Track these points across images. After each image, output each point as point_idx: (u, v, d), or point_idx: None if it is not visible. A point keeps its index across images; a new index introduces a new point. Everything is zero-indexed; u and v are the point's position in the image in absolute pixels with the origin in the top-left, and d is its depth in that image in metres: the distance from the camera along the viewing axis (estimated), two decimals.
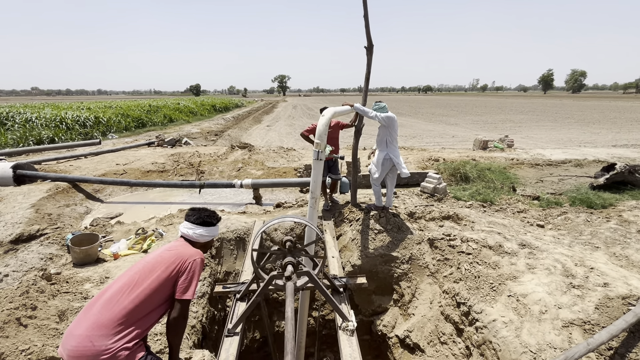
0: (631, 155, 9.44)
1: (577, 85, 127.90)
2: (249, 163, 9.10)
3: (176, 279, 1.94)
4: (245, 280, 3.33)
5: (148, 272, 1.90)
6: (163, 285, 1.90)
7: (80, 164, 8.92)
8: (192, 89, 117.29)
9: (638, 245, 3.89)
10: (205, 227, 2.16)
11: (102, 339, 1.66)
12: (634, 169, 6.38)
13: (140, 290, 1.83)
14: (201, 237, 2.14)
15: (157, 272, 1.90)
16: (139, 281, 1.86)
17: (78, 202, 6.42)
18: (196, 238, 2.13)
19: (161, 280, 1.89)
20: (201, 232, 2.14)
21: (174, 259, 1.97)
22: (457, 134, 18.64)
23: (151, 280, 1.87)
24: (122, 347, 1.68)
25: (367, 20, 4.18)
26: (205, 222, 2.16)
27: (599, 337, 2.31)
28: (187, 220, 2.17)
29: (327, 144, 3.49)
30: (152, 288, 1.85)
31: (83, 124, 17.12)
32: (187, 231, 2.13)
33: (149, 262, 1.96)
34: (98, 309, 1.75)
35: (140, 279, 1.87)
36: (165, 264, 1.94)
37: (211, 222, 2.19)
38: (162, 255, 2.00)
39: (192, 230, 2.13)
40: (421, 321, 3.76)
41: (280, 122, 28.30)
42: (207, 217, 2.17)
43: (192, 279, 1.97)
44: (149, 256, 2.05)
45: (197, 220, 2.15)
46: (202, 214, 2.18)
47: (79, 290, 3.25)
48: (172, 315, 1.93)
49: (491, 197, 5.84)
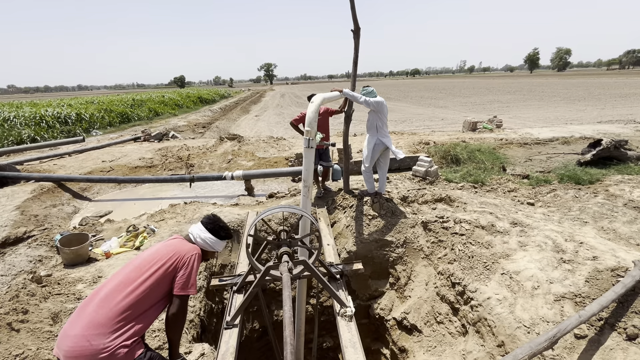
0: (616, 130, 9.61)
1: (562, 64, 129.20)
2: (239, 154, 8.98)
3: (174, 274, 1.91)
4: (241, 272, 3.31)
5: (145, 268, 1.87)
6: (161, 282, 1.87)
7: (65, 163, 8.67)
8: (177, 81, 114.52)
9: (624, 218, 3.99)
10: (213, 235, 2.13)
11: (99, 338, 1.62)
12: (619, 144, 6.51)
13: (138, 286, 1.80)
14: (204, 243, 2.12)
15: (154, 268, 1.87)
16: (135, 278, 1.82)
17: (65, 202, 6.26)
18: (200, 243, 2.11)
19: (159, 276, 1.86)
20: (206, 237, 2.12)
21: (172, 255, 1.94)
22: (447, 117, 18.69)
23: (148, 276, 1.84)
24: (120, 344, 1.65)
25: (353, 2, 4.07)
26: (215, 231, 2.14)
27: (590, 308, 2.38)
28: (201, 222, 2.17)
29: (317, 131, 3.44)
30: (149, 284, 1.82)
31: (64, 121, 16.59)
32: (196, 231, 2.13)
33: (145, 259, 1.93)
34: (94, 307, 1.71)
35: (136, 275, 1.83)
36: (163, 259, 1.91)
37: (219, 234, 2.15)
38: (159, 251, 1.96)
39: (202, 233, 2.12)
40: (417, 303, 3.83)
41: (269, 111, 27.92)
42: (219, 228, 2.16)
43: (190, 274, 1.94)
44: (145, 253, 2.01)
45: (208, 226, 2.14)
46: (218, 223, 2.17)
47: (71, 291, 3.19)
48: (170, 311, 1.90)
49: (482, 178, 5.90)
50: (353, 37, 4.28)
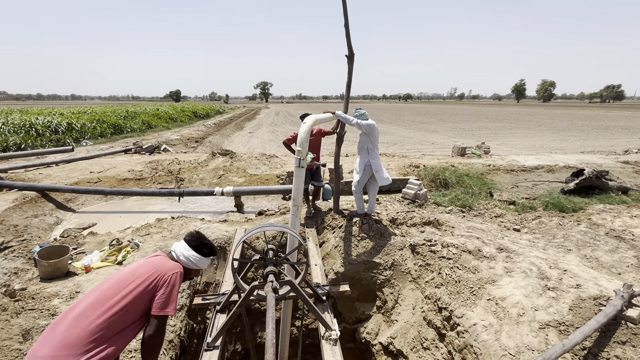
0: (598, 161, 9.96)
1: (547, 95, 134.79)
2: (231, 170, 8.96)
3: (153, 293, 1.83)
4: (225, 291, 3.24)
5: (123, 285, 1.79)
6: (139, 300, 1.79)
7: (51, 172, 8.50)
8: (172, 95, 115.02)
9: (606, 247, 4.08)
10: (197, 252, 2.08)
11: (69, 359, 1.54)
12: (601, 174, 6.73)
13: (114, 305, 1.71)
14: (188, 261, 2.06)
15: (132, 286, 1.79)
16: (112, 295, 1.74)
17: (47, 212, 6.10)
18: (183, 261, 2.05)
19: (137, 295, 1.78)
20: (189, 254, 2.06)
21: (152, 272, 1.87)
22: (437, 141, 19.13)
23: (126, 294, 1.76)
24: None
25: (348, 29, 4.24)
26: (198, 248, 2.09)
27: (574, 337, 2.38)
28: (184, 240, 2.12)
29: (309, 151, 3.48)
30: (126, 303, 1.74)
31: (55, 130, 16.38)
32: (179, 249, 2.07)
33: (125, 276, 1.85)
34: (65, 326, 1.62)
35: (113, 293, 1.75)
36: (142, 277, 1.83)
37: (202, 251, 2.10)
38: (139, 268, 1.89)
39: (185, 251, 2.06)
40: (404, 327, 3.77)
41: (263, 128, 28.13)
42: (202, 245, 2.11)
43: (170, 293, 1.86)
44: (124, 269, 1.93)
45: (192, 243, 2.08)
46: (201, 240, 2.13)
47: (46, 306, 3.06)
48: (147, 332, 1.81)
49: (470, 203, 5.99)
50: (347, 62, 4.43)
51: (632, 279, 3.49)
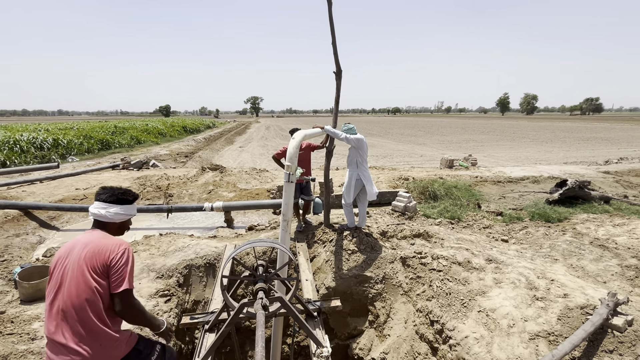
0: (580, 171, 10.26)
1: (530, 108, 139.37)
2: (221, 185, 8.90)
3: (107, 273, 1.79)
4: (214, 309, 3.17)
5: (75, 279, 1.73)
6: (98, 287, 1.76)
7: (35, 190, 8.28)
8: (162, 110, 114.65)
9: (591, 256, 4.17)
10: (120, 205, 1.96)
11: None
12: (583, 185, 6.93)
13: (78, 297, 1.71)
14: (116, 215, 1.93)
15: (85, 276, 1.73)
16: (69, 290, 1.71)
17: (30, 231, 5.91)
18: (111, 218, 1.92)
19: (95, 284, 1.74)
20: (116, 210, 1.93)
21: (100, 256, 1.79)
22: (425, 154, 19.45)
23: (84, 286, 1.72)
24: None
25: (335, 47, 4.36)
26: (120, 200, 1.96)
27: (563, 348, 2.41)
28: (97, 200, 1.95)
29: (298, 166, 3.51)
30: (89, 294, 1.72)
31: (40, 147, 16.06)
32: (99, 211, 1.91)
33: (72, 269, 1.76)
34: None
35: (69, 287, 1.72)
36: (90, 264, 1.76)
37: (127, 199, 1.99)
38: (83, 256, 1.78)
39: (106, 209, 1.91)
40: (397, 342, 3.74)
41: (253, 143, 28.17)
42: (121, 195, 1.98)
43: (125, 269, 1.81)
44: (65, 261, 1.81)
45: (111, 199, 1.94)
46: (116, 191, 1.99)
47: (25, 330, 2.93)
48: (117, 309, 1.79)
49: (458, 214, 6.07)
50: (335, 78, 4.53)
51: (617, 287, 3.56)
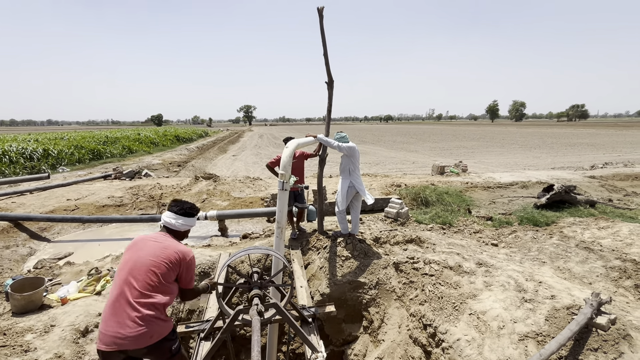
0: (567, 176, 10.53)
1: (518, 115, 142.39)
2: (214, 194, 8.90)
3: (178, 271, 2.24)
4: (209, 317, 3.19)
5: (148, 270, 2.12)
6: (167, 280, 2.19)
7: (25, 201, 8.18)
8: (154, 119, 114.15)
9: (577, 258, 4.30)
10: (186, 217, 2.41)
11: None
12: (569, 189, 7.13)
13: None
14: (182, 226, 2.41)
15: (160, 272, 2.14)
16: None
17: (20, 243, 5.84)
18: (178, 227, 2.39)
19: (166, 279, 2.17)
20: (182, 222, 2.40)
21: (173, 256, 2.22)
22: (417, 160, 19.70)
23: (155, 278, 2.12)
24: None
25: (327, 57, 4.48)
26: (187, 213, 2.42)
27: (549, 347, 2.49)
28: (170, 211, 2.41)
29: (292, 174, 3.58)
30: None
31: (29, 157, 15.86)
32: (170, 220, 2.38)
33: (144, 264, 2.14)
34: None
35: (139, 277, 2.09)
36: (164, 261, 2.17)
37: (191, 214, 2.46)
38: (157, 254, 2.18)
39: (175, 220, 2.38)
40: (391, 347, 3.78)
41: (247, 151, 28.19)
42: (188, 209, 2.44)
43: (192, 272, 2.33)
44: (138, 254, 2.19)
45: (180, 212, 2.40)
46: (184, 205, 2.44)
47: (18, 342, 2.91)
48: (184, 298, 2.41)
49: (450, 220, 6.18)
50: (327, 88, 4.65)
51: (602, 287, 3.68)
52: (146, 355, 2.13)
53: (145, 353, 2.10)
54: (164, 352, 2.19)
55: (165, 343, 2.16)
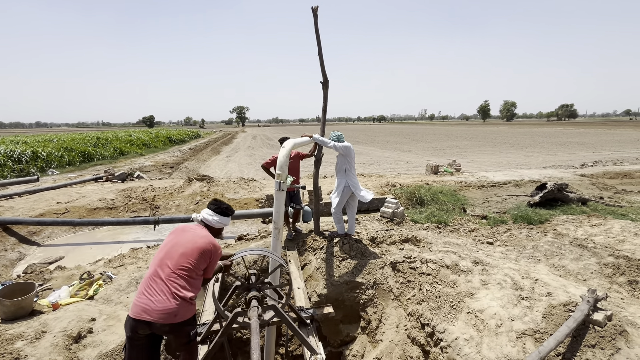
0: (559, 175, 10.68)
1: (509, 114, 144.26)
2: (208, 195, 8.81)
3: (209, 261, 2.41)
4: (206, 320, 3.14)
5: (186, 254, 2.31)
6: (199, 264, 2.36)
7: (14, 204, 7.99)
8: (145, 121, 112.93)
9: (571, 255, 4.34)
10: (222, 216, 2.61)
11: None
12: (561, 187, 7.22)
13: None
14: (217, 223, 2.59)
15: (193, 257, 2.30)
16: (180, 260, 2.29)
17: (9, 247, 5.70)
18: (213, 224, 2.58)
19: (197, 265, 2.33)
20: (217, 219, 2.58)
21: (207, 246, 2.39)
22: (411, 160, 19.80)
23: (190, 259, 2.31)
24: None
25: (322, 57, 4.47)
26: (223, 212, 2.61)
27: (548, 344, 2.50)
28: (209, 208, 2.62)
29: (288, 174, 3.55)
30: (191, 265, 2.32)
31: (18, 160, 15.53)
32: (207, 217, 2.58)
33: (181, 247, 2.33)
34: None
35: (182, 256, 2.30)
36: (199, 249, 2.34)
37: (227, 213, 2.64)
38: (194, 240, 2.37)
39: (212, 217, 2.57)
40: (389, 347, 3.77)
41: (240, 152, 28.03)
42: (225, 209, 2.63)
43: (215, 264, 2.50)
44: (177, 239, 2.40)
45: (217, 210, 2.60)
46: (222, 205, 2.63)
47: (8, 350, 2.82)
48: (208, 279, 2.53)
49: (445, 219, 6.21)
50: (322, 88, 4.63)
51: (596, 284, 3.72)
52: (167, 333, 2.27)
53: (167, 331, 2.22)
54: (183, 336, 2.30)
55: (186, 327, 2.28)
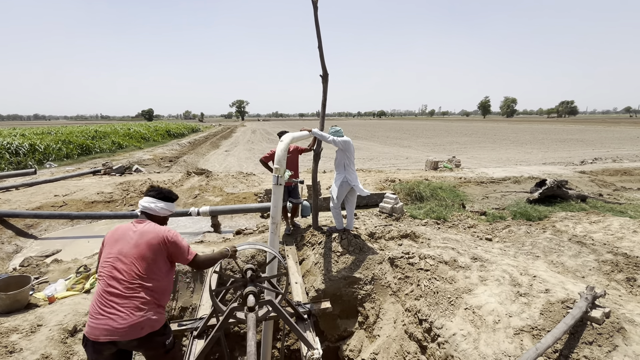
0: (558, 171, 10.66)
1: (510, 111, 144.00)
2: (207, 189, 8.77)
3: (166, 252, 2.18)
4: (203, 315, 3.13)
5: (138, 264, 2.05)
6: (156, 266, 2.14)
7: (10, 197, 7.95)
8: (144, 114, 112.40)
9: (570, 252, 4.33)
10: (166, 201, 2.36)
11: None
12: (561, 184, 7.20)
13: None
14: (163, 210, 2.33)
15: (145, 260, 2.06)
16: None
17: (5, 240, 5.67)
18: (159, 211, 2.31)
19: (154, 265, 2.11)
20: (162, 206, 2.33)
21: (154, 240, 2.13)
22: (410, 156, 19.76)
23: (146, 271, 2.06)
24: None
25: (322, 50, 4.40)
26: (166, 198, 2.37)
27: (545, 341, 2.49)
28: (148, 196, 2.33)
29: (286, 168, 3.51)
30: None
31: (15, 152, 15.43)
32: (150, 205, 2.29)
33: (127, 255, 2.06)
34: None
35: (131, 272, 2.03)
36: (147, 248, 2.09)
37: (171, 198, 2.41)
38: (138, 243, 2.10)
39: (155, 204, 2.30)
40: (386, 342, 3.77)
41: (239, 146, 27.93)
42: (167, 193, 2.39)
43: (181, 246, 2.24)
44: (119, 246, 2.09)
45: (159, 195, 2.34)
46: (163, 190, 2.39)
47: (2, 343, 2.81)
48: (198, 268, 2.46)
49: (444, 214, 6.19)
50: (322, 81, 4.57)
51: (595, 281, 3.71)
52: (137, 348, 2.07)
53: (135, 346, 2.03)
54: (157, 347, 2.12)
55: (157, 337, 2.09)
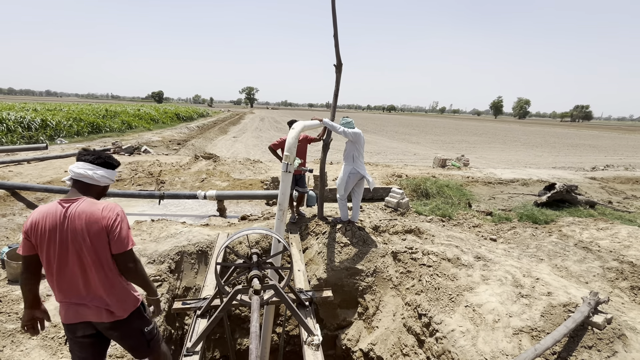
0: (568, 176, 10.51)
1: (522, 112, 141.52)
2: (214, 174, 8.84)
3: (107, 238, 1.81)
4: (207, 295, 3.19)
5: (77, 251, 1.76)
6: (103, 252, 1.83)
7: (22, 170, 8.10)
8: (154, 96, 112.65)
9: (575, 257, 4.30)
10: (107, 169, 1.95)
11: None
12: (571, 189, 7.11)
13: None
14: (103, 179, 1.91)
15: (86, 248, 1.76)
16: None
17: (17, 212, 5.80)
18: (98, 180, 1.88)
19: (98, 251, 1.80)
20: (102, 173, 1.91)
21: (96, 224, 1.78)
22: (419, 152, 19.61)
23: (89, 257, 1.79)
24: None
25: (337, 39, 4.35)
26: (106, 164, 1.96)
27: (545, 342, 2.50)
28: (83, 160, 1.89)
29: (296, 156, 3.51)
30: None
31: (27, 127, 15.65)
32: (86, 172, 1.85)
33: (69, 242, 1.76)
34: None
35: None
36: (90, 238, 1.77)
37: (112, 164, 2.00)
38: (76, 227, 1.76)
39: (93, 171, 1.86)
40: (384, 334, 3.82)
41: (247, 133, 27.96)
42: (108, 158, 1.98)
43: (121, 228, 1.84)
44: (59, 232, 1.75)
45: (98, 161, 1.91)
46: (102, 154, 1.98)
47: (13, 310, 2.91)
48: (121, 268, 1.88)
49: (449, 212, 6.17)
50: (335, 71, 4.53)
51: (598, 287, 3.69)
52: (114, 333, 1.92)
53: (109, 329, 1.88)
54: (135, 334, 1.95)
55: (135, 322, 1.92)
